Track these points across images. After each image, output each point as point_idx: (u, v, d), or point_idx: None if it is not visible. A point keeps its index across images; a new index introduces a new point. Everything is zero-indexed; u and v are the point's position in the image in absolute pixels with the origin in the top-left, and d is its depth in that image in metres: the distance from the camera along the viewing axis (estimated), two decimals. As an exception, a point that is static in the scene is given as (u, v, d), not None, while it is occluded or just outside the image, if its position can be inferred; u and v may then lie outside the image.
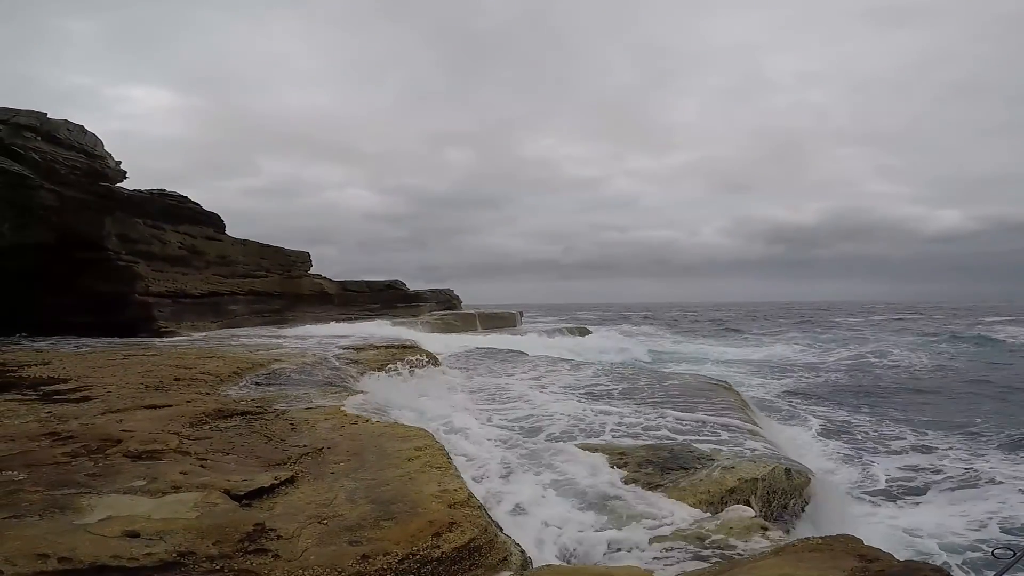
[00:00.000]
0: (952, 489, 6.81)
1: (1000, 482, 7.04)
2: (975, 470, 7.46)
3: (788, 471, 5.08)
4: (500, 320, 29.12)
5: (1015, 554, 1.84)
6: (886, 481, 7.08)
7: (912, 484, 6.96)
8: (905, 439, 9.24)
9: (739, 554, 3.31)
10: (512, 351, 15.26)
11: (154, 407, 5.43)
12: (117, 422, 4.68)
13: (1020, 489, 6.80)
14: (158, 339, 14.09)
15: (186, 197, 19.49)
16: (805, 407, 12.08)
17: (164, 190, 18.83)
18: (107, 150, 18.22)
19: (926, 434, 9.54)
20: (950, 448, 8.57)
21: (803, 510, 5.11)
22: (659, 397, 8.62)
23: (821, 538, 2.99)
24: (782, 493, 4.85)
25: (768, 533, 3.71)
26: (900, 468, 7.62)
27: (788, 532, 4.63)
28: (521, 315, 33.35)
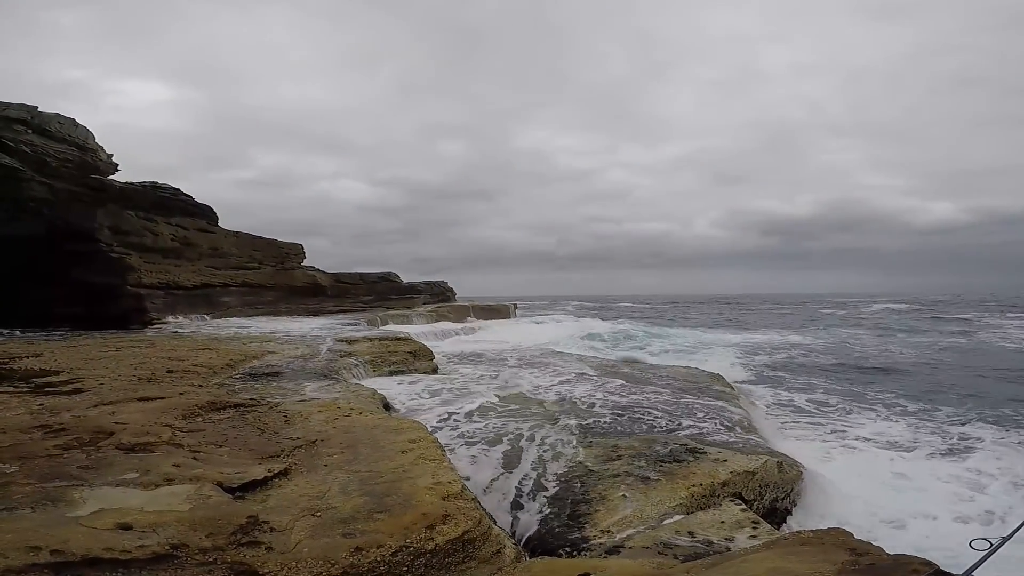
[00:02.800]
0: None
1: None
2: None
3: (780, 464, 5.11)
4: (494, 312, 29.08)
5: (991, 545, 1.86)
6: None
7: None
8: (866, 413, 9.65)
9: (730, 548, 3.34)
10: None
11: (147, 399, 5.41)
12: (110, 414, 4.67)
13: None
14: (150, 331, 14.03)
15: (179, 189, 19.47)
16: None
17: (156, 183, 18.83)
18: (99, 143, 18.14)
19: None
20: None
21: (795, 503, 5.15)
22: (653, 389, 8.66)
23: (812, 532, 3.03)
24: (774, 486, 4.88)
25: (759, 527, 3.75)
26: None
27: (779, 526, 4.68)
28: (515, 307, 33.30)
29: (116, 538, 2.42)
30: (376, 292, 28.00)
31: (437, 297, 31.95)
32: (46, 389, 5.83)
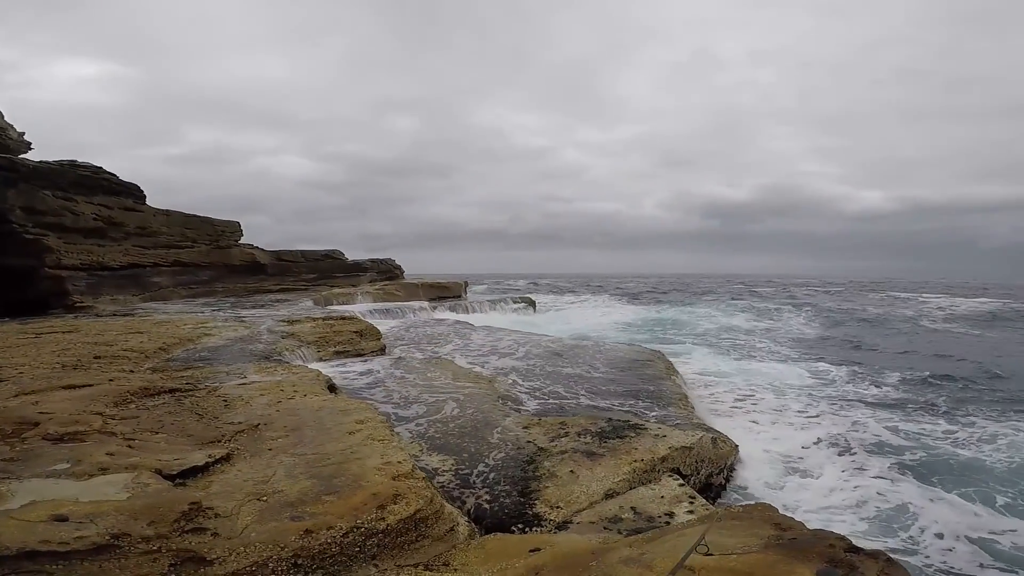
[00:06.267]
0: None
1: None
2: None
3: (714, 440, 5.39)
4: (444, 290, 28.81)
5: None
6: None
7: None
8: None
9: (669, 523, 3.52)
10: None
11: (73, 387, 5.15)
12: (33, 404, 4.41)
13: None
14: (74, 315, 13.24)
15: (101, 167, 18.44)
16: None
17: (75, 161, 17.80)
18: (8, 121, 16.98)
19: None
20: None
21: (728, 479, 5.46)
22: (599, 366, 8.90)
23: (742, 507, 3.25)
24: (709, 461, 5.14)
25: (695, 502, 3.97)
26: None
27: (715, 501, 4.95)
28: (467, 285, 33.11)
29: (52, 530, 2.32)
30: (319, 270, 27.27)
31: (384, 275, 31.38)
32: (-42, 378, 5.44)
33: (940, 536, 4.75)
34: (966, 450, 6.96)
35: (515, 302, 27.86)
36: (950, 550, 4.55)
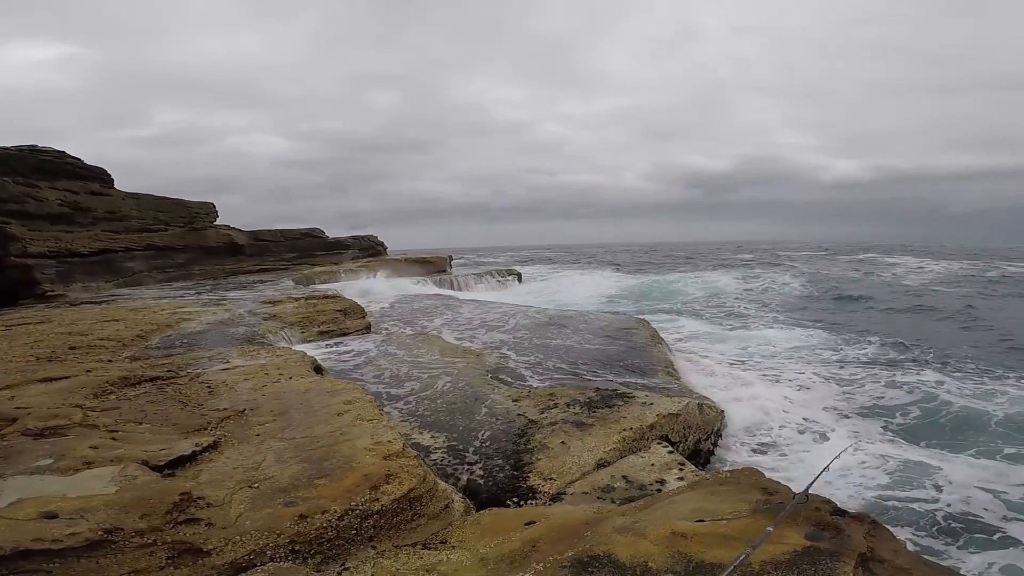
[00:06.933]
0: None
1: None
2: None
3: (700, 406, 5.46)
4: (429, 265, 28.52)
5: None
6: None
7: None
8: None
9: (661, 490, 3.58)
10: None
11: (49, 380, 5.02)
12: (8, 399, 4.29)
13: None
14: (45, 305, 12.90)
15: (64, 152, 17.86)
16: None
17: (36, 146, 17.18)
18: None
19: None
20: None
21: (715, 444, 5.56)
22: (586, 336, 8.94)
23: (729, 472, 3.32)
24: (696, 428, 5.22)
25: (684, 468, 4.04)
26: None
27: (704, 466, 5.04)
28: (451, 260, 32.86)
29: (43, 528, 2.27)
30: (299, 249, 26.83)
31: (366, 252, 30.95)
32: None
33: (953, 489, 4.77)
34: (963, 403, 7.13)
35: (501, 275, 27.77)
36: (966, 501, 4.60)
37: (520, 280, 28.05)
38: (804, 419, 6.61)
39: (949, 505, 4.55)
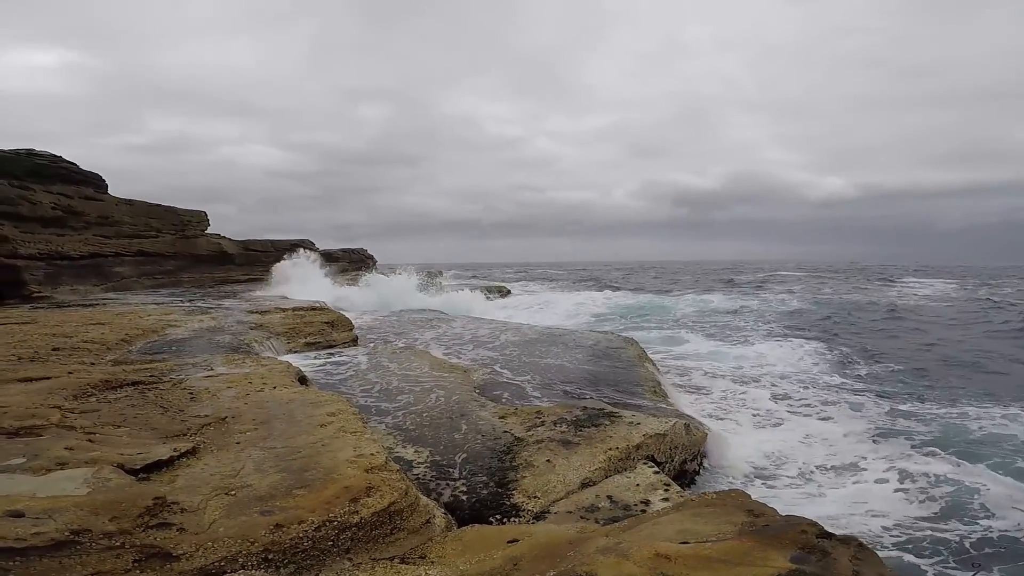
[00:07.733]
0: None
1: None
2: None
3: (687, 427, 5.44)
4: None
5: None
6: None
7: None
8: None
9: (645, 511, 3.53)
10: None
11: (30, 380, 4.93)
12: (-15, 396, 4.21)
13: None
14: (31, 305, 12.75)
15: (59, 156, 17.92)
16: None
17: (32, 149, 17.22)
18: None
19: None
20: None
21: (701, 465, 5.52)
22: (573, 354, 8.90)
23: (715, 494, 3.29)
24: (683, 448, 5.19)
25: (670, 489, 4.00)
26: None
27: (689, 487, 5.00)
28: (441, 274, 32.91)
29: (7, 526, 2.20)
30: (288, 260, 26.81)
31: (356, 265, 30.97)
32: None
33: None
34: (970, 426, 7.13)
35: (490, 291, 27.80)
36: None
37: (510, 296, 28.12)
38: (795, 440, 6.60)
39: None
